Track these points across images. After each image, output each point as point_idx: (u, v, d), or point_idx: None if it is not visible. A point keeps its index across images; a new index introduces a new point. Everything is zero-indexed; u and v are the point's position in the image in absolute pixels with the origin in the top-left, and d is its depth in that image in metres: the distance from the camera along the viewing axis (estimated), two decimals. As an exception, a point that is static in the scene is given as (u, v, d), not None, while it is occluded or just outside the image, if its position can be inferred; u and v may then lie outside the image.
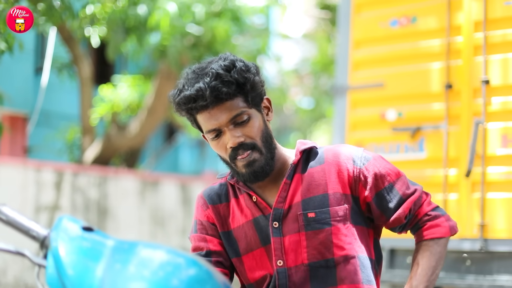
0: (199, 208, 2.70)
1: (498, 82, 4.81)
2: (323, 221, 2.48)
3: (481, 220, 4.74)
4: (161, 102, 10.61)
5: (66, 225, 1.76)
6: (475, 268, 4.80)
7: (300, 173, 2.55)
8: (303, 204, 2.51)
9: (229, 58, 2.47)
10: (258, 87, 2.49)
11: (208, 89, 2.38)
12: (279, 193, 2.53)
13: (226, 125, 2.44)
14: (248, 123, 2.45)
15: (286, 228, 2.52)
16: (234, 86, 2.41)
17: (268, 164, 2.49)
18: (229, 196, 2.66)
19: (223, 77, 2.39)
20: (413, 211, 2.53)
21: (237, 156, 2.47)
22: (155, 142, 15.76)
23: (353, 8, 5.61)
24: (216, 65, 2.43)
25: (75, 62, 9.41)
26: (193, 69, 2.50)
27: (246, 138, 2.45)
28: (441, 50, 5.10)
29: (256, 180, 2.50)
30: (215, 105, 2.42)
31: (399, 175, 2.55)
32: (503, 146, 4.72)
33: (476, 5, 4.94)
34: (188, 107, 2.45)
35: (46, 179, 8.22)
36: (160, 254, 1.67)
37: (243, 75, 2.43)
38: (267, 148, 2.49)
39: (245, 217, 2.59)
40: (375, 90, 5.39)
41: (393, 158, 5.22)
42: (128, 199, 9.37)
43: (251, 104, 2.47)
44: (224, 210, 2.65)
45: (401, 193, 2.52)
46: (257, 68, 2.53)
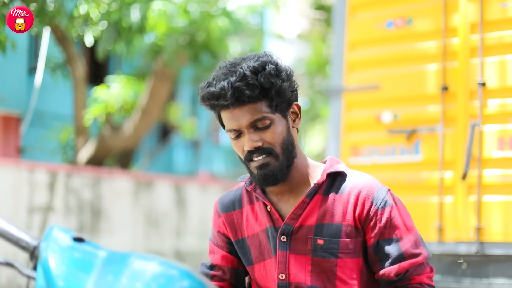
0: (214, 216, 2.69)
1: (495, 84, 4.78)
2: (330, 251, 2.42)
3: (477, 223, 4.71)
4: (155, 103, 10.57)
5: (57, 235, 1.73)
6: (471, 271, 4.77)
7: (321, 195, 2.49)
8: (316, 229, 2.45)
9: (262, 59, 2.42)
10: (285, 93, 2.43)
11: (231, 89, 2.35)
12: (295, 209, 2.47)
13: (246, 128, 2.40)
14: (269, 129, 2.41)
15: (294, 246, 2.46)
16: (258, 90, 2.36)
17: (281, 171, 2.43)
18: (242, 202, 2.62)
19: (249, 79, 2.35)
20: (410, 274, 2.43)
21: (252, 158, 2.43)
22: (149, 143, 15.71)
23: (349, 9, 5.58)
24: (246, 65, 2.38)
25: (69, 62, 9.36)
26: (226, 63, 2.46)
27: (264, 143, 2.41)
28: (437, 52, 5.08)
29: (266, 184, 2.45)
30: (237, 106, 2.38)
31: (410, 231, 2.45)
32: (500, 148, 4.70)
33: (472, 7, 4.91)
34: (211, 104, 2.43)
35: (39, 180, 8.16)
36: (153, 266, 1.63)
37: (270, 79, 2.37)
38: (285, 156, 2.43)
39: (259, 225, 2.55)
40: (371, 92, 5.36)
41: (389, 161, 5.20)
42: (122, 199, 9.32)
43: (275, 110, 2.41)
44: (237, 217, 2.61)
45: (403, 250, 2.42)
46: (290, 73, 2.47)
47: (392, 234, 2.42)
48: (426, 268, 2.45)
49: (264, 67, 2.38)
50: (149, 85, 10.56)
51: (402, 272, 2.40)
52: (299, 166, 2.50)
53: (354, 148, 5.38)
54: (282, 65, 2.46)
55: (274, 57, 2.46)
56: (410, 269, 2.41)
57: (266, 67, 2.38)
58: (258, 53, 2.47)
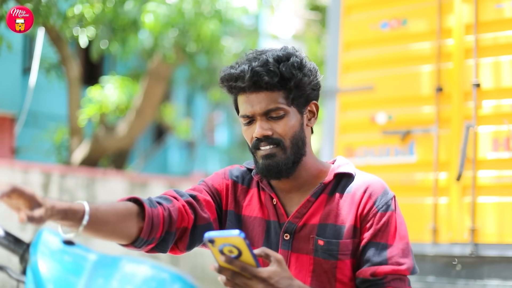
0: (217, 175, 2.58)
1: (489, 86, 4.78)
2: (330, 253, 2.37)
3: (472, 225, 4.71)
4: (150, 103, 10.56)
5: (47, 238, 1.70)
6: (466, 273, 4.77)
7: (327, 195, 2.44)
8: (318, 229, 2.40)
9: (289, 50, 2.40)
10: (305, 88, 2.39)
11: (250, 72, 2.33)
12: (299, 208, 2.43)
13: (259, 115, 2.37)
14: (282, 120, 2.37)
15: (297, 245, 2.42)
16: (277, 78, 2.33)
17: (287, 165, 2.38)
18: (251, 183, 2.55)
19: (270, 66, 2.33)
20: (387, 282, 2.31)
21: (259, 147, 2.39)
22: (143, 143, 15.69)
23: (343, 10, 5.57)
24: (271, 53, 2.37)
25: (63, 62, 9.35)
26: (253, 51, 2.44)
27: (275, 133, 2.37)
28: (431, 53, 5.07)
29: (269, 175, 2.40)
30: (254, 91, 2.35)
31: (402, 240, 2.37)
32: (494, 150, 4.69)
33: (467, 8, 4.91)
34: (229, 85, 2.40)
35: (33, 181, 8.14)
36: (144, 269, 1.62)
37: (292, 70, 2.35)
38: (293, 150, 2.39)
39: (262, 213, 2.49)
40: (365, 92, 5.35)
41: (383, 162, 5.19)
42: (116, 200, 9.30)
43: (291, 102, 2.38)
44: (241, 192, 2.54)
45: (388, 256, 2.33)
46: (314, 71, 2.44)
47: (383, 238, 2.36)
48: (405, 281, 2.35)
49: (289, 58, 2.36)
50: (144, 86, 10.55)
51: (379, 276, 2.32)
52: (307, 165, 2.46)
53: (348, 149, 5.37)
54: (308, 61, 2.43)
55: (301, 53, 2.44)
56: (389, 276, 2.31)
57: (291, 58, 2.36)
58: (286, 46, 2.45)
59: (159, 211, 2.31)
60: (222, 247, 1.97)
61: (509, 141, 4.65)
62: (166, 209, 2.34)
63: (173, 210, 2.36)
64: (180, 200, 2.41)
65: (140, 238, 2.28)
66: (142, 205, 2.29)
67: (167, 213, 2.34)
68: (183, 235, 2.42)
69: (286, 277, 2.11)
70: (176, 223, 2.37)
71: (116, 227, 2.20)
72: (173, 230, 2.37)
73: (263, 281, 2.06)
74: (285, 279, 2.11)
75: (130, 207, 2.27)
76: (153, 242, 2.33)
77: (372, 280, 2.32)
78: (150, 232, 2.28)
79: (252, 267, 2.04)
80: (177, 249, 2.46)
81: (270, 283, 2.06)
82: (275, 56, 2.36)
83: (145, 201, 2.30)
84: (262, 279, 2.06)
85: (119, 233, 2.22)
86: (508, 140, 4.65)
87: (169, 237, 2.37)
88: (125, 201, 2.31)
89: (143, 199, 2.30)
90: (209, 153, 18.43)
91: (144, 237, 2.28)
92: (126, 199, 2.32)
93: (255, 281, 2.06)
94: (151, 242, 2.32)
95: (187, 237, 2.42)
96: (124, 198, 2.32)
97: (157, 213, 2.30)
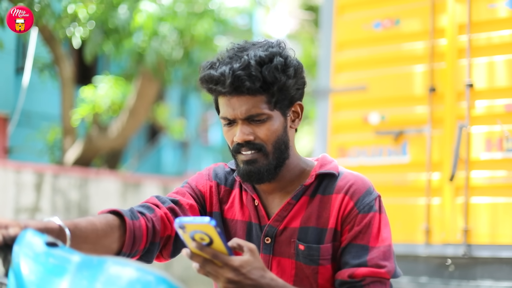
0: (200, 176, 2.51)
1: (482, 86, 4.77)
2: (311, 258, 2.29)
3: (465, 225, 4.70)
4: (143, 103, 10.53)
5: (30, 239, 1.67)
6: (459, 274, 4.76)
7: (309, 197, 2.35)
8: (299, 232, 2.32)
9: (272, 50, 2.27)
10: (289, 90, 2.28)
11: (231, 77, 2.20)
12: (279, 211, 2.34)
13: (240, 119, 2.27)
14: (264, 124, 2.27)
15: (279, 248, 2.34)
16: (259, 83, 2.21)
17: (268, 171, 2.29)
18: (234, 185, 2.47)
19: (252, 70, 2.20)
20: (366, 284, 2.20)
21: (240, 151, 2.29)
22: (137, 143, 15.66)
23: (336, 10, 5.56)
24: (253, 53, 2.24)
25: (57, 62, 9.31)
26: (235, 46, 2.33)
27: (256, 138, 2.27)
28: (424, 53, 5.06)
29: (250, 181, 2.32)
30: (235, 95, 2.24)
31: (383, 243, 2.26)
32: (487, 150, 4.68)
33: (460, 8, 4.90)
34: (209, 87, 2.29)
35: (26, 181, 8.11)
36: (129, 271, 1.59)
37: (275, 74, 2.22)
38: (275, 155, 2.30)
39: (242, 215, 2.41)
40: (358, 92, 5.34)
41: (376, 162, 5.18)
42: (109, 200, 9.27)
43: (274, 106, 2.27)
44: (224, 194, 2.46)
45: (368, 258, 2.22)
46: (298, 70, 2.31)
47: (364, 240, 2.25)
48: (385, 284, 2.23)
49: (272, 59, 2.24)
50: (137, 86, 10.52)
51: (357, 278, 2.21)
52: (290, 166, 2.37)
53: (341, 149, 5.35)
54: (293, 59, 2.31)
55: (286, 49, 2.33)
56: (368, 278, 2.20)
57: (274, 59, 2.24)
58: (270, 41, 2.34)
59: (141, 222, 2.25)
60: (193, 233, 1.91)
61: (502, 142, 4.64)
62: (150, 220, 2.28)
63: (156, 220, 2.30)
64: (162, 207, 2.34)
65: (123, 252, 2.22)
66: (123, 218, 2.23)
67: (151, 224, 2.28)
68: (167, 243, 2.36)
69: (258, 268, 2.02)
70: (159, 232, 2.31)
71: (96, 244, 2.13)
72: (157, 241, 2.31)
73: (234, 269, 1.98)
74: (258, 269, 2.02)
75: (111, 221, 2.20)
76: (137, 254, 2.27)
77: (350, 282, 2.22)
78: (132, 246, 2.23)
79: (224, 255, 1.97)
80: (161, 257, 2.41)
81: (241, 272, 1.98)
82: (258, 57, 2.23)
83: (126, 213, 2.24)
84: (234, 267, 1.98)
85: (99, 249, 2.15)
86: (501, 140, 4.64)
87: (153, 248, 2.31)
88: (106, 213, 2.24)
89: (124, 212, 2.23)
90: (203, 153, 18.39)
91: (126, 251, 2.22)
92: (106, 212, 2.25)
93: (227, 270, 1.98)
94: (134, 255, 2.27)
95: (170, 244, 2.37)
96: (105, 211, 2.25)
97: (139, 225, 2.24)
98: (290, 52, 2.34)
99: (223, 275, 1.98)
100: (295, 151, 2.41)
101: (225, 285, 2.00)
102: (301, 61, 2.38)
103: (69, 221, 2.03)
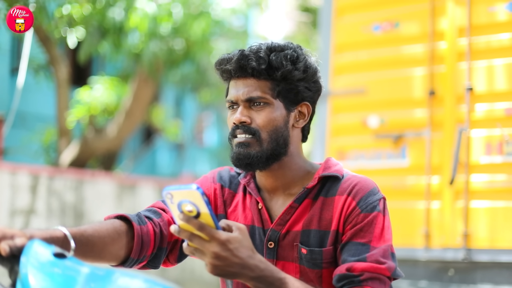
0: (205, 179, 2.48)
1: (482, 89, 4.76)
2: (314, 262, 2.26)
3: (465, 229, 4.68)
4: (139, 105, 10.51)
5: (37, 250, 1.65)
6: (458, 278, 4.74)
7: (311, 199, 2.31)
8: (302, 235, 2.28)
9: (288, 44, 2.31)
10: (295, 83, 2.27)
11: (238, 55, 2.25)
12: (281, 214, 2.30)
13: (242, 101, 2.27)
14: (263, 111, 2.26)
15: (282, 253, 2.30)
16: (264, 66, 2.23)
17: (259, 158, 2.25)
18: (238, 188, 2.45)
19: (260, 53, 2.24)
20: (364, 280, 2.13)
21: (235, 134, 2.28)
22: (132, 145, 15.63)
23: (335, 12, 5.53)
24: (268, 43, 2.30)
25: (52, 63, 9.29)
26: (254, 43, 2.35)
27: (253, 122, 2.26)
28: (424, 56, 5.04)
29: (238, 165, 2.28)
30: (241, 76, 2.27)
31: (385, 243, 2.20)
32: (487, 154, 4.67)
33: (460, 11, 4.88)
34: (218, 68, 2.32)
35: (21, 182, 8.08)
36: (137, 283, 1.56)
37: (282, 61, 2.24)
38: (270, 145, 2.26)
39: (245, 218, 2.37)
40: (357, 96, 5.32)
41: (375, 166, 5.16)
42: (105, 202, 9.25)
43: (277, 95, 2.27)
44: (228, 197, 2.44)
45: (367, 255, 2.15)
46: (311, 69, 2.31)
47: (365, 238, 2.20)
48: (385, 282, 2.16)
49: (284, 49, 2.27)
50: (133, 87, 10.50)
51: (355, 272, 2.13)
52: (293, 166, 2.34)
53: (340, 153, 5.33)
54: (309, 59, 2.32)
55: (303, 50, 2.34)
56: (367, 273, 2.12)
57: (286, 50, 2.27)
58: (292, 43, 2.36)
59: (148, 227, 2.24)
60: (181, 203, 1.85)
61: (502, 145, 4.63)
62: (157, 225, 2.27)
63: (163, 225, 2.28)
64: (169, 212, 2.33)
65: (131, 258, 2.20)
66: (131, 223, 2.21)
67: (158, 229, 2.26)
68: (173, 248, 2.35)
69: (247, 247, 1.95)
70: (167, 237, 2.29)
71: (104, 251, 2.11)
72: (165, 246, 2.30)
73: (221, 244, 1.89)
74: (246, 248, 1.94)
75: (118, 227, 2.18)
76: (144, 260, 2.26)
77: (348, 276, 2.14)
78: (140, 251, 2.21)
79: (211, 228, 1.89)
80: (168, 262, 2.39)
81: (228, 247, 1.90)
82: (270, 44, 2.28)
83: (134, 218, 2.22)
84: (221, 241, 1.89)
85: (106, 256, 2.13)
86: (501, 144, 4.63)
87: (161, 253, 2.30)
88: (112, 219, 2.22)
89: (131, 217, 2.22)
90: (198, 154, 18.38)
91: (135, 256, 2.20)
92: (113, 217, 2.23)
93: (213, 243, 1.89)
94: (142, 260, 2.25)
95: (177, 249, 2.35)
96: (112, 216, 2.23)
97: (147, 230, 2.23)
98: (308, 54, 2.34)
99: (210, 249, 1.90)
100: (300, 152, 2.38)
101: (211, 261, 1.92)
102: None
103: (75, 229, 2.01)
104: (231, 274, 1.96)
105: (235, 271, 1.95)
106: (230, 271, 1.95)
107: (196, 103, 17.15)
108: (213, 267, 1.93)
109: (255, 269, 1.98)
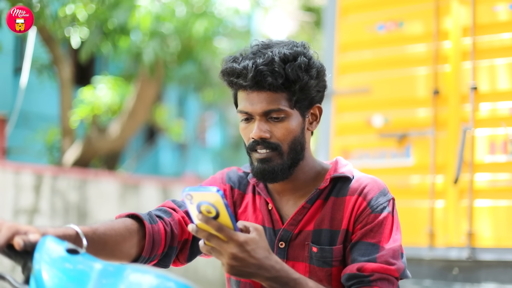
0: (213, 180, 2.48)
1: (487, 88, 4.76)
2: (324, 260, 2.27)
3: (469, 228, 4.68)
4: (142, 104, 10.52)
5: (50, 246, 1.65)
6: (463, 277, 4.74)
7: (323, 200, 2.33)
8: (313, 235, 2.29)
9: (297, 49, 2.25)
10: (310, 90, 2.26)
11: (254, 71, 2.18)
12: (294, 215, 2.32)
13: (258, 115, 2.24)
14: (282, 123, 2.24)
15: (293, 253, 2.31)
16: (281, 80, 2.19)
17: (282, 170, 2.26)
18: (247, 188, 2.46)
19: (275, 66, 2.18)
20: (374, 281, 2.15)
21: (256, 149, 2.27)
22: (135, 144, 15.64)
23: (339, 12, 5.54)
24: (277, 50, 2.22)
25: (55, 63, 9.29)
26: (259, 42, 2.32)
27: (273, 136, 2.24)
28: (428, 55, 5.05)
29: (263, 180, 2.29)
30: (256, 90, 2.22)
31: (394, 243, 2.23)
32: (491, 153, 4.67)
33: (464, 10, 4.89)
34: (230, 80, 2.26)
35: (25, 182, 8.08)
36: (149, 279, 1.56)
37: (298, 72, 2.20)
38: (290, 156, 2.27)
39: (255, 219, 2.39)
40: (361, 95, 5.32)
41: (380, 165, 5.17)
42: (108, 202, 9.25)
43: (294, 105, 2.25)
44: (237, 198, 2.45)
45: (377, 255, 2.19)
46: (321, 72, 2.30)
47: (375, 238, 2.22)
48: (393, 282, 2.19)
49: (296, 58, 2.22)
50: (136, 87, 10.51)
51: (366, 272, 2.16)
52: (305, 168, 2.35)
53: (344, 152, 5.33)
54: (316, 61, 2.30)
55: (309, 50, 2.32)
56: (377, 274, 2.15)
57: (298, 58, 2.22)
58: (295, 41, 2.33)
59: (159, 226, 2.24)
60: (200, 205, 1.87)
61: (506, 145, 4.63)
62: (168, 224, 2.28)
63: (173, 224, 2.29)
64: (179, 211, 2.34)
65: (142, 256, 2.20)
66: (142, 222, 2.22)
67: (169, 228, 2.27)
68: (184, 247, 2.35)
69: (264, 248, 1.99)
70: (177, 237, 2.30)
71: (115, 249, 2.11)
72: (175, 245, 2.31)
73: (239, 245, 1.93)
74: (263, 249, 1.98)
75: (130, 226, 2.19)
76: (155, 258, 2.27)
77: (358, 276, 2.17)
78: (151, 250, 2.22)
79: (230, 229, 1.92)
80: (178, 261, 2.39)
81: (246, 249, 1.94)
82: (282, 54, 2.21)
83: (145, 217, 2.23)
84: (239, 243, 1.93)
85: (118, 254, 2.14)
86: (506, 143, 4.63)
87: (171, 252, 2.31)
88: (124, 217, 2.22)
89: (142, 215, 2.22)
90: (201, 154, 18.38)
91: (146, 255, 2.21)
92: (124, 216, 2.23)
93: (231, 245, 1.93)
94: (153, 259, 2.26)
95: (187, 248, 2.36)
96: (123, 215, 2.24)
97: (158, 229, 2.23)
98: (313, 54, 2.33)
99: (227, 250, 1.94)
100: (310, 153, 2.39)
101: (229, 262, 1.96)
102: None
103: (87, 227, 2.01)
104: (248, 274, 1.99)
105: (251, 271, 1.99)
106: (246, 271, 1.98)
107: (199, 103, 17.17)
108: (230, 268, 1.97)
109: (271, 269, 2.01)
